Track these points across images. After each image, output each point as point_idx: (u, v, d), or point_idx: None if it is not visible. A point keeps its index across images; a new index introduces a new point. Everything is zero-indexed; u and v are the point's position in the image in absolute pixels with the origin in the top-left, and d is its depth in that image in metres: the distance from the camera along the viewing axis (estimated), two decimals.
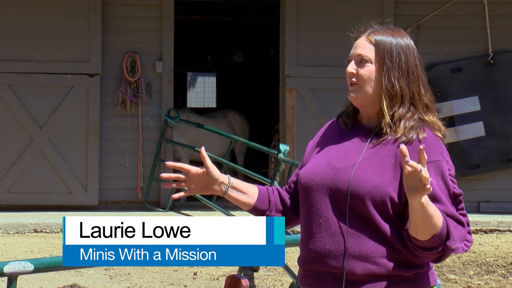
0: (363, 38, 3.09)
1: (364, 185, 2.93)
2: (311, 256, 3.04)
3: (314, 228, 3.03)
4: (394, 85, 3.01)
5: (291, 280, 7.58)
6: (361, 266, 2.95)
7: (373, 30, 3.10)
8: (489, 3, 11.30)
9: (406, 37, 3.09)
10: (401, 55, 3.04)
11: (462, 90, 11.20)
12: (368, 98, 3.05)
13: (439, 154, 2.96)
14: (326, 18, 11.31)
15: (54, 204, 11.11)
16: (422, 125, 3.00)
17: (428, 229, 2.86)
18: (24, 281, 7.77)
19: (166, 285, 8.05)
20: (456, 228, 2.89)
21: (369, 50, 3.06)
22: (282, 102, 11.53)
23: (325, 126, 3.25)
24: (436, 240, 2.87)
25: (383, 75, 3.02)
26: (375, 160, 2.97)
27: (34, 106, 11.08)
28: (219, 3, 14.46)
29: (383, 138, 3.01)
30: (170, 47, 11.39)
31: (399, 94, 3.02)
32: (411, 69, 3.04)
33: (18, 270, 3.77)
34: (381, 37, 3.06)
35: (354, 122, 3.13)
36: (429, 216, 2.83)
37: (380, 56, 3.04)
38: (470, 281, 8.20)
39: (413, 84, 3.03)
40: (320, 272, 3.03)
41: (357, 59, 3.07)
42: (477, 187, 11.30)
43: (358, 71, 3.06)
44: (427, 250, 2.90)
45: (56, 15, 11.14)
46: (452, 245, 2.88)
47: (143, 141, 11.28)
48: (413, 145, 2.95)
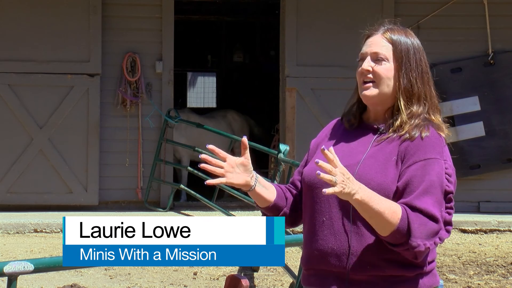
0: (379, 36, 3.06)
1: (368, 182, 2.91)
2: (314, 255, 3.03)
3: (317, 226, 3.02)
4: (413, 84, 3.02)
5: (291, 280, 7.58)
6: (364, 266, 2.94)
7: (388, 28, 3.08)
8: (489, 3, 11.30)
9: (415, 37, 3.11)
10: (416, 56, 3.05)
11: (462, 90, 11.20)
12: (382, 96, 3.03)
13: (437, 153, 2.96)
14: (326, 18, 11.30)
15: (54, 204, 11.11)
16: (427, 124, 3.00)
17: (379, 225, 2.85)
18: (24, 281, 7.77)
19: (166, 285, 8.05)
20: (422, 225, 2.85)
21: (385, 48, 3.03)
22: (282, 102, 11.53)
23: (330, 125, 3.23)
24: (396, 236, 2.85)
25: (402, 74, 3.01)
26: (379, 158, 2.97)
27: (34, 106, 11.07)
28: (219, 3, 14.46)
29: (388, 135, 3.00)
30: (170, 47, 11.39)
31: (416, 94, 3.02)
32: (424, 69, 3.06)
33: (18, 270, 3.76)
34: (398, 36, 3.05)
35: (360, 122, 3.12)
36: (376, 212, 2.82)
37: (399, 55, 3.03)
38: (470, 281, 8.20)
39: (426, 85, 3.05)
40: (323, 271, 3.02)
41: (372, 57, 3.04)
42: (477, 187, 11.30)
43: (374, 69, 3.02)
44: (395, 246, 2.88)
45: (56, 15, 11.14)
46: (412, 243, 2.84)
47: (143, 141, 11.28)
48: (414, 142, 2.95)
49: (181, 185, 11.10)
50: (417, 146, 2.94)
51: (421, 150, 2.94)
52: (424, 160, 2.92)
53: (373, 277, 2.95)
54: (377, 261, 2.94)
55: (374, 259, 2.94)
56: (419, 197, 2.87)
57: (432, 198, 2.89)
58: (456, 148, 11.13)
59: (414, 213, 2.86)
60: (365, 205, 2.83)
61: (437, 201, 2.90)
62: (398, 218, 2.84)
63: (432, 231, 2.88)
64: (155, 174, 11.14)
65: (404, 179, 2.91)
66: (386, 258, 2.94)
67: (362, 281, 2.95)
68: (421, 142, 2.95)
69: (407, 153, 2.95)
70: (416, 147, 2.94)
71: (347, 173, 2.81)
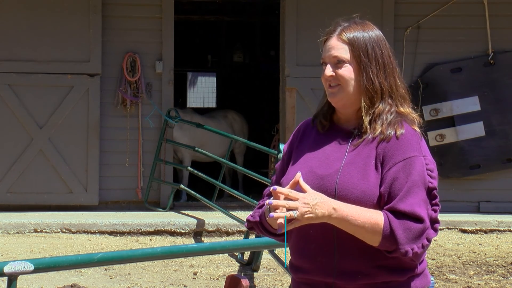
0: (334, 38, 3.03)
1: (352, 191, 2.87)
2: (302, 266, 2.99)
3: (304, 238, 2.96)
4: (374, 82, 2.96)
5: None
6: (354, 276, 2.89)
7: (343, 28, 3.03)
8: (489, 3, 11.30)
9: (375, 28, 3.04)
10: (375, 49, 2.98)
11: (462, 90, 11.20)
12: (349, 98, 2.99)
13: (415, 150, 2.90)
14: (326, 18, 11.21)
15: (54, 204, 11.11)
16: (400, 120, 2.95)
17: (364, 237, 2.83)
18: (24, 281, 7.77)
19: (166, 285, 8.05)
20: (406, 230, 2.81)
21: (343, 50, 3.00)
22: (282, 102, 11.53)
23: (301, 128, 3.17)
24: (386, 245, 2.83)
25: (361, 73, 2.96)
26: (358, 163, 2.92)
27: (34, 106, 11.07)
28: (219, 3, 14.45)
29: (363, 138, 2.95)
30: (170, 47, 11.39)
31: (379, 91, 2.97)
32: (386, 61, 2.99)
33: (18, 270, 3.77)
34: (353, 34, 3.00)
35: (331, 124, 3.07)
36: (356, 227, 2.81)
37: (356, 55, 2.98)
38: (470, 281, 8.20)
39: (390, 77, 2.99)
40: (313, 281, 2.98)
41: (333, 61, 3.01)
42: (477, 187, 11.30)
43: (337, 72, 2.99)
44: (391, 253, 2.85)
45: (56, 15, 11.14)
46: (401, 250, 2.81)
47: (143, 141, 11.28)
48: (390, 142, 2.90)
49: (181, 185, 11.10)
50: (394, 146, 2.90)
51: (399, 150, 2.89)
52: (403, 161, 2.87)
53: (365, 286, 2.90)
54: (367, 269, 2.89)
55: (364, 268, 2.89)
56: (403, 200, 2.83)
57: (415, 198, 2.84)
58: (456, 148, 11.18)
59: (397, 219, 2.82)
60: (343, 222, 2.81)
61: (422, 200, 2.86)
62: (381, 229, 2.81)
63: (418, 233, 2.83)
64: (155, 174, 11.14)
65: (386, 184, 2.87)
66: (376, 265, 2.89)
67: None
68: (397, 142, 2.90)
69: (385, 155, 2.90)
70: (393, 148, 2.89)
71: (313, 198, 2.78)
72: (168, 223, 10.20)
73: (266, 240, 6.52)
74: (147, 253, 4.43)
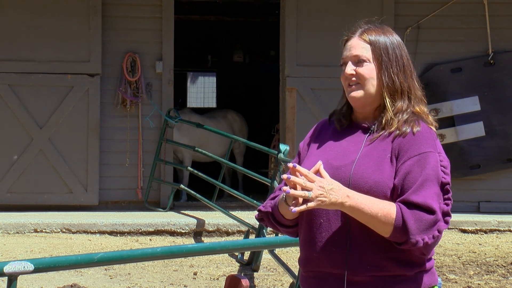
0: (356, 38, 3.12)
1: (366, 181, 2.94)
2: (312, 257, 3.02)
3: (314, 228, 3.02)
4: (395, 81, 3.06)
5: (291, 280, 7.59)
6: (363, 267, 2.94)
7: (364, 29, 3.13)
8: (489, 3, 11.30)
9: (395, 34, 3.15)
10: (396, 52, 3.09)
11: (462, 90, 11.20)
12: (369, 97, 3.07)
13: (431, 146, 2.99)
14: (326, 18, 11.30)
15: (54, 204, 11.11)
16: (417, 118, 3.04)
17: (376, 227, 2.89)
18: (24, 281, 7.77)
19: (166, 285, 8.05)
20: (418, 220, 2.88)
21: (365, 49, 3.08)
22: (282, 102, 11.53)
23: (317, 127, 3.25)
24: (397, 236, 2.88)
25: (383, 72, 3.06)
26: (373, 156, 2.99)
27: (34, 106, 11.07)
28: (219, 3, 14.45)
29: (380, 133, 3.04)
30: (170, 47, 11.39)
31: (399, 89, 3.07)
32: (405, 63, 3.10)
33: (18, 270, 3.76)
34: (375, 35, 3.10)
35: (349, 122, 3.15)
36: (369, 216, 2.87)
37: (378, 54, 3.07)
38: (470, 281, 8.20)
39: (409, 78, 3.09)
40: (322, 273, 3.01)
41: (354, 60, 3.09)
42: (477, 187, 11.30)
43: (357, 71, 3.07)
44: (401, 245, 2.90)
45: (56, 15, 11.14)
46: (411, 240, 2.87)
47: (143, 141, 11.28)
48: (406, 137, 2.99)
49: (181, 185, 11.10)
50: (410, 141, 2.98)
51: (415, 145, 2.97)
52: (418, 155, 2.95)
53: (373, 278, 2.94)
54: (376, 261, 2.94)
55: (374, 259, 2.94)
56: (416, 192, 2.90)
57: (428, 191, 2.92)
58: (456, 148, 11.18)
59: (410, 210, 2.88)
60: (356, 211, 2.87)
61: (434, 193, 2.94)
62: (393, 219, 2.87)
63: (429, 224, 2.89)
64: (155, 174, 11.14)
65: (400, 176, 2.94)
66: (385, 257, 2.94)
67: (362, 282, 2.95)
68: (413, 137, 2.98)
69: (400, 149, 2.98)
70: (409, 143, 2.98)
71: (329, 184, 2.86)
72: (168, 223, 10.20)
73: (266, 240, 6.52)
74: (147, 253, 4.42)
